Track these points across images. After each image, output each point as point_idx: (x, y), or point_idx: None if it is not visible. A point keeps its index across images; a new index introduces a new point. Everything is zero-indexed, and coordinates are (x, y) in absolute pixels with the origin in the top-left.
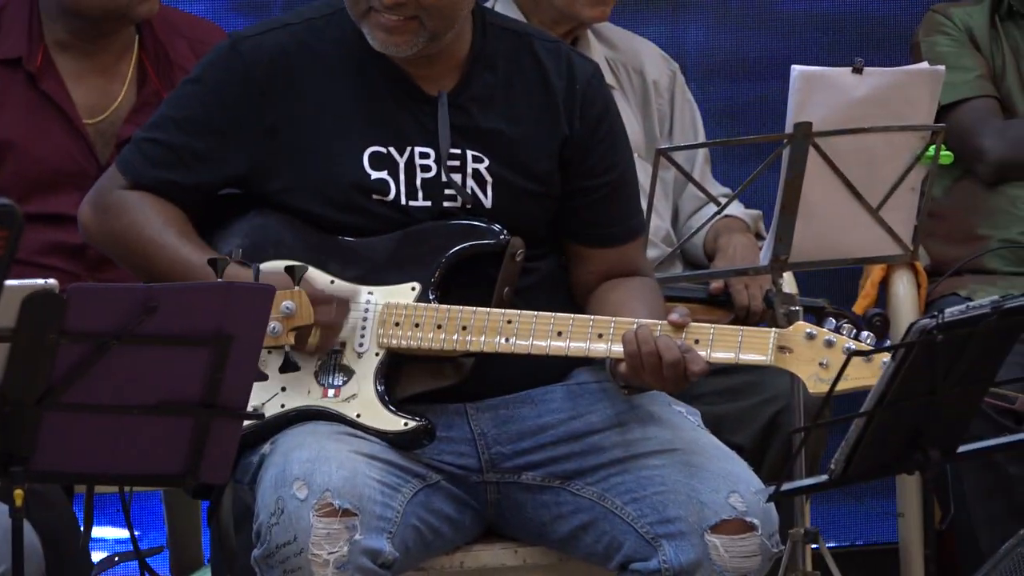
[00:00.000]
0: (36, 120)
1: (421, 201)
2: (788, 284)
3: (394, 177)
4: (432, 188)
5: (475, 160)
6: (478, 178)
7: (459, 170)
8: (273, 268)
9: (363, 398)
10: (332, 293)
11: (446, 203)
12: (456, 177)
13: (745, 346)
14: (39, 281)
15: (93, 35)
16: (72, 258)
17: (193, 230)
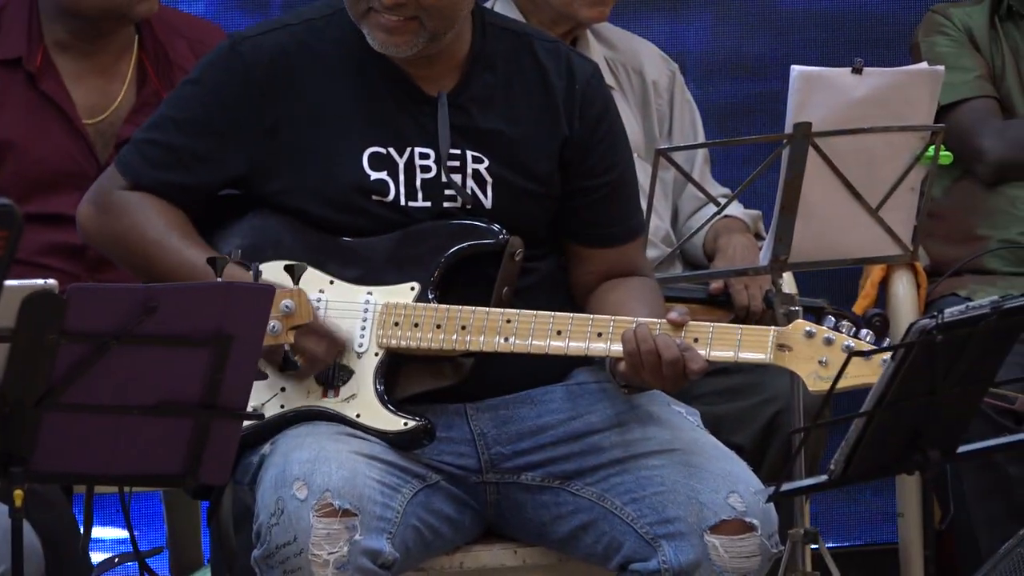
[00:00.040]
0: (36, 120)
1: (421, 202)
2: (788, 284)
3: (394, 178)
4: (432, 189)
5: (475, 160)
6: (478, 178)
7: (459, 170)
8: (273, 268)
9: (363, 398)
10: (331, 331)
11: (446, 204)
12: (456, 178)
13: (744, 344)
14: (39, 281)
15: (92, 35)
16: (72, 258)
17: (195, 231)
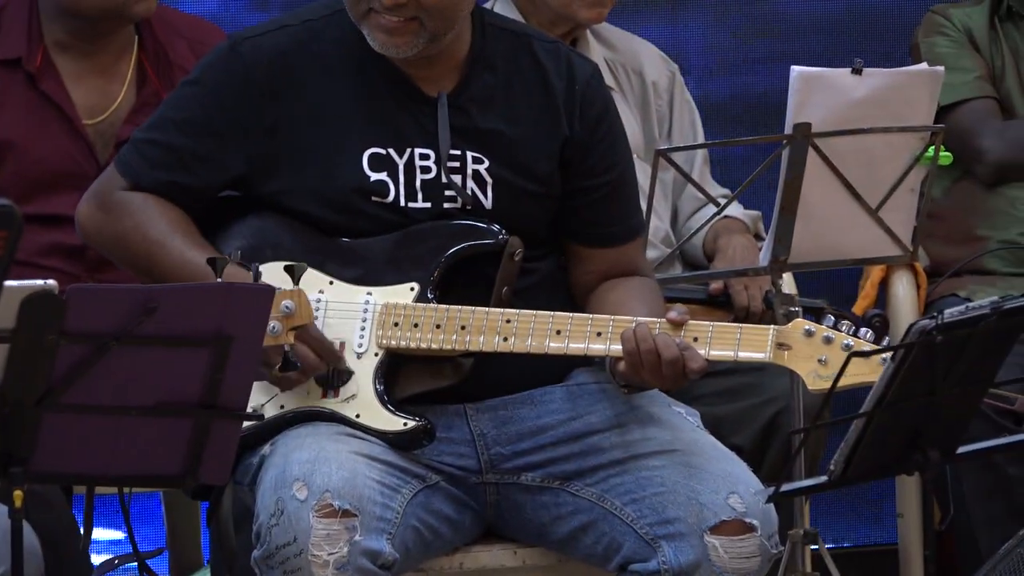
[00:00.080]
0: (36, 121)
1: (421, 203)
2: (788, 285)
3: (393, 179)
4: (432, 189)
5: (475, 161)
6: (478, 179)
7: (459, 171)
8: (273, 270)
9: (362, 398)
10: (324, 342)
11: (446, 204)
12: (456, 178)
13: (744, 343)
14: (38, 282)
15: (91, 35)
16: (72, 259)
17: (197, 232)
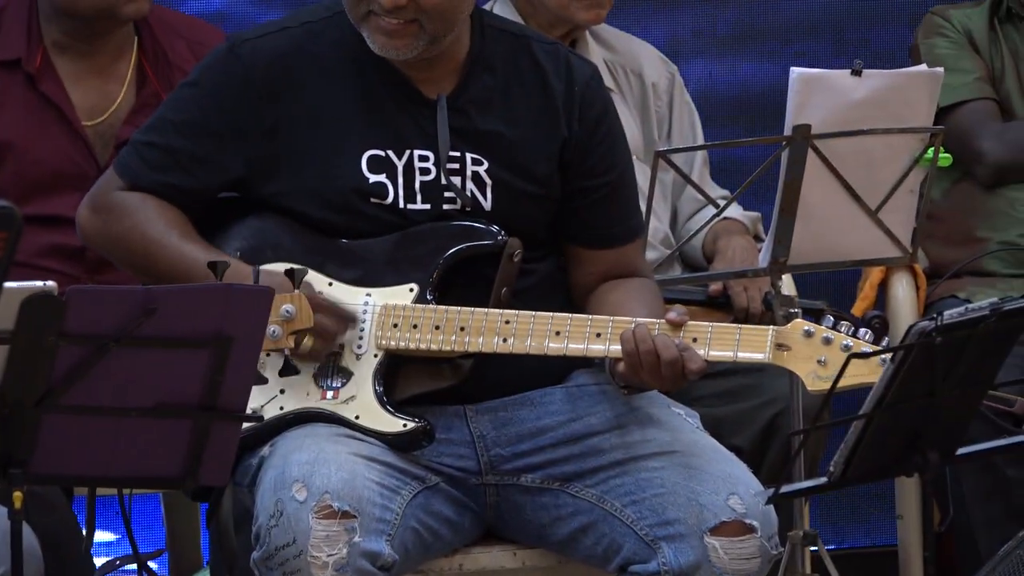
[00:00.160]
0: (35, 122)
1: (420, 204)
2: (787, 286)
3: (392, 180)
4: (431, 191)
5: (474, 163)
6: (477, 181)
7: (458, 173)
8: (273, 271)
9: (362, 400)
10: (338, 307)
11: (445, 206)
12: (455, 180)
13: (743, 344)
14: (38, 283)
15: (88, 35)
16: (71, 260)
17: (194, 231)
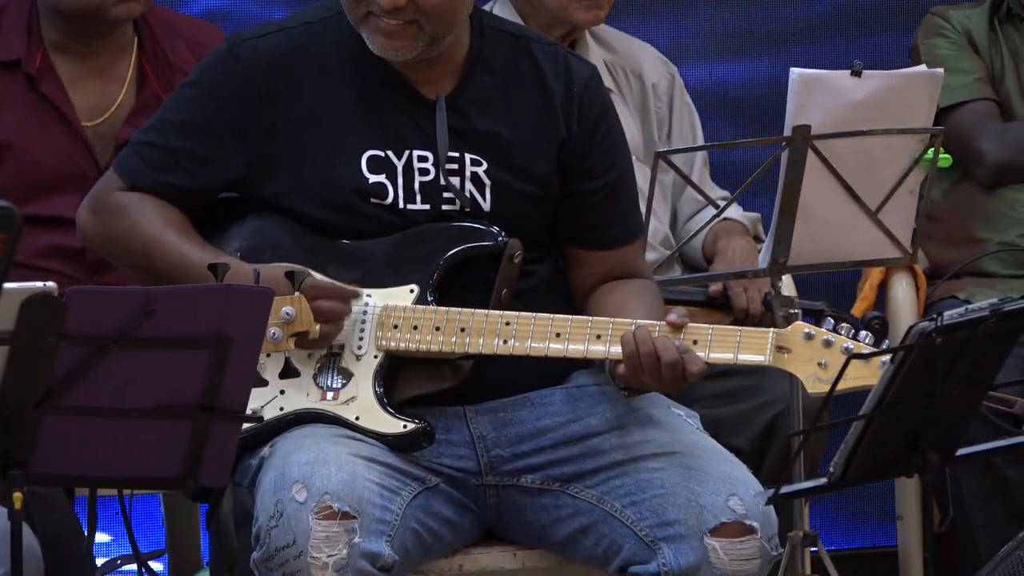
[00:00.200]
0: (35, 122)
1: (419, 205)
2: (787, 287)
3: (392, 181)
4: (430, 192)
5: (473, 163)
6: (476, 181)
7: (457, 173)
8: (273, 272)
9: (362, 401)
10: (337, 285)
11: (444, 206)
12: (454, 180)
13: (743, 346)
14: (38, 284)
15: (84, 36)
16: (71, 261)
17: (193, 230)
